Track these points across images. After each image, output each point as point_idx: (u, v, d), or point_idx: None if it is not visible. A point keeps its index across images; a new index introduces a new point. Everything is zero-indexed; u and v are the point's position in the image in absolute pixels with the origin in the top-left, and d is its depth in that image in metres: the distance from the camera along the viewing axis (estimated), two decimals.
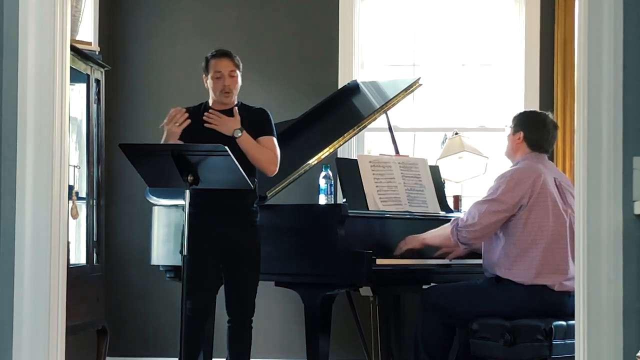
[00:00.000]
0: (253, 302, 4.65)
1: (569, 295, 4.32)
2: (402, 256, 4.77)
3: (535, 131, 4.69)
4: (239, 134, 4.54)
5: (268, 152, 4.59)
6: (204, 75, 4.71)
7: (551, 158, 5.75)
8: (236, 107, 4.64)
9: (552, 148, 4.78)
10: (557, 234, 4.50)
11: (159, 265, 5.22)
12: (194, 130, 4.55)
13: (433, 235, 4.79)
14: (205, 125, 4.57)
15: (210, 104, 4.71)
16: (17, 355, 3.65)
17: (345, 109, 5.55)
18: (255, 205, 4.67)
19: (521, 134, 4.68)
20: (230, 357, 4.70)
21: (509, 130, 4.76)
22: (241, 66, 4.72)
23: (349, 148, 6.02)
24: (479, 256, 4.80)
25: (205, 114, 4.61)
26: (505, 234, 4.54)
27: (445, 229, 4.71)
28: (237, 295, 4.63)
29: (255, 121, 4.66)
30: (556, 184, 4.61)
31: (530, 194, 4.50)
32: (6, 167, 3.66)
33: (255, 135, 4.61)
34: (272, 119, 4.72)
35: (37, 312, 3.67)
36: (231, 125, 4.56)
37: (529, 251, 4.48)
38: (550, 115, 4.80)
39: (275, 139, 4.68)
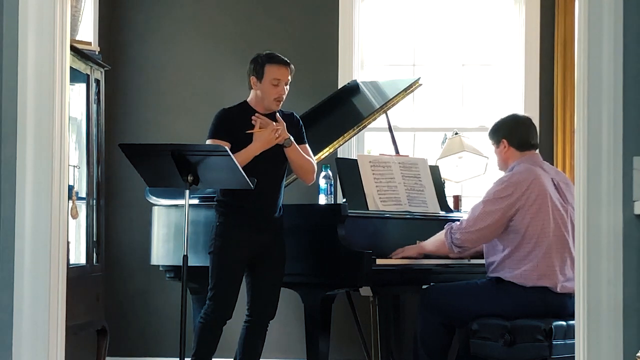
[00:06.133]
0: (277, 305, 4.62)
1: (571, 296, 4.31)
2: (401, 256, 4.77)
3: (515, 131, 4.69)
4: (290, 144, 4.50)
5: (311, 162, 4.58)
6: (252, 76, 4.54)
7: (551, 158, 5.77)
8: (278, 114, 4.56)
9: (537, 141, 4.74)
10: (559, 235, 4.50)
11: (159, 265, 5.22)
12: (241, 134, 4.46)
13: (429, 242, 4.77)
14: (254, 130, 4.47)
15: (254, 107, 4.57)
16: (17, 355, 3.65)
17: (345, 109, 5.55)
18: (281, 209, 4.62)
19: (504, 142, 4.69)
20: (242, 355, 4.65)
21: (493, 148, 4.77)
22: None
23: (349, 148, 6.02)
24: (479, 256, 4.80)
25: (258, 120, 4.48)
26: (507, 237, 4.53)
27: (441, 234, 4.70)
28: (263, 297, 4.59)
29: (293, 128, 4.60)
30: (554, 184, 4.61)
31: (528, 197, 4.50)
32: (6, 167, 3.66)
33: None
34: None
35: (37, 312, 3.67)
36: (284, 134, 4.48)
37: (531, 254, 4.47)
38: (518, 113, 4.81)
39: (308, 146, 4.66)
